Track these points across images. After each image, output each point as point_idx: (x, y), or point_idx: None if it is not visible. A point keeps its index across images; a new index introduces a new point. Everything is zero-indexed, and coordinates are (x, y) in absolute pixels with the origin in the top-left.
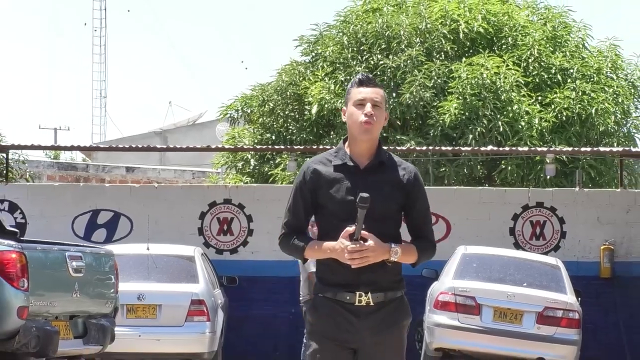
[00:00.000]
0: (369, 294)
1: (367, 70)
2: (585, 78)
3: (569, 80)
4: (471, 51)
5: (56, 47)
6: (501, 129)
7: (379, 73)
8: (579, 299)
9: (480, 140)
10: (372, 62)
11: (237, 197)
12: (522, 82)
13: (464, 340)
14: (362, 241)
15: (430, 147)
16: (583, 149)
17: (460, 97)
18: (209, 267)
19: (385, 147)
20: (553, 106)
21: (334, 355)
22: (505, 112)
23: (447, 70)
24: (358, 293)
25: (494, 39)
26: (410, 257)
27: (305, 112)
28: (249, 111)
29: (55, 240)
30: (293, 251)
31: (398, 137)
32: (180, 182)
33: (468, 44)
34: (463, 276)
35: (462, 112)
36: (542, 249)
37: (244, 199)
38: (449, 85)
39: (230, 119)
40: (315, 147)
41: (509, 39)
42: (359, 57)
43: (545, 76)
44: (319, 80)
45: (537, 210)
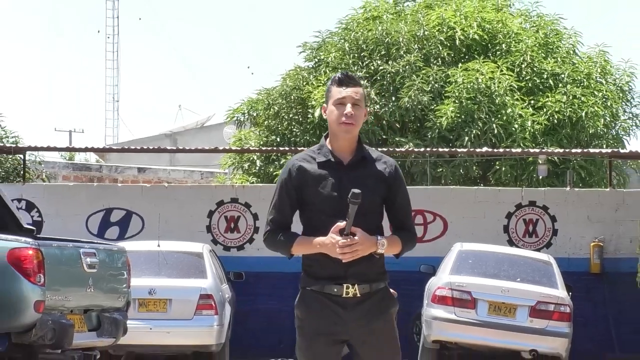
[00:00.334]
0: (356, 286)
1: (367, 75)
2: (575, 83)
3: (560, 84)
4: (467, 57)
5: (71, 54)
6: (495, 132)
7: (379, 78)
8: (570, 293)
9: (476, 142)
10: (372, 68)
11: (243, 197)
12: (516, 86)
13: (460, 333)
14: (351, 236)
15: (428, 149)
16: (574, 150)
17: (457, 101)
18: (217, 263)
19: (383, 149)
20: (545, 109)
21: (324, 351)
22: (499, 115)
23: (444, 75)
24: (345, 285)
25: (489, 45)
26: (395, 249)
27: (309, 115)
28: (254, 114)
29: (70, 237)
30: (279, 247)
31: (397, 139)
32: (189, 182)
33: (464, 50)
34: (459, 272)
35: (458, 115)
36: (535, 246)
37: (250, 198)
38: (446, 89)
39: (237, 121)
40: None
41: (503, 46)
42: (360, 63)
43: (538, 81)
44: (321, 84)
45: (530, 209)
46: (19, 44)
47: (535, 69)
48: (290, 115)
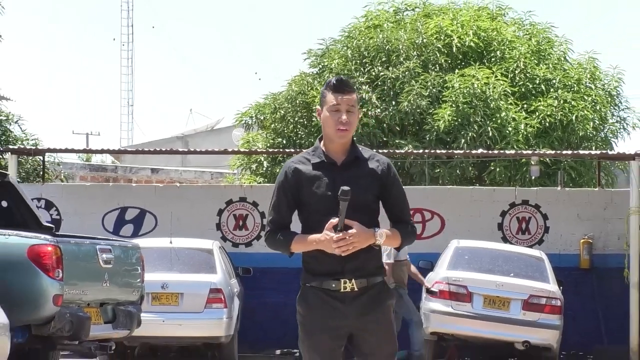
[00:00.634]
0: (353, 280)
1: (369, 80)
2: (566, 88)
3: (551, 89)
4: (463, 63)
5: (88, 60)
6: (490, 134)
7: (379, 83)
8: (561, 287)
9: (472, 144)
10: (373, 74)
11: (251, 196)
12: (510, 91)
13: (457, 325)
14: (345, 231)
15: (426, 151)
16: (564, 152)
17: (454, 105)
18: (226, 259)
19: (384, 151)
20: (537, 113)
21: (325, 345)
22: (494, 119)
23: (441, 80)
24: (343, 280)
25: (484, 52)
26: (395, 241)
27: (313, 119)
28: (262, 118)
29: (87, 234)
30: (279, 246)
31: (397, 141)
32: (200, 182)
33: (460, 57)
34: (456, 267)
35: (455, 118)
36: (528, 243)
37: (257, 197)
38: (443, 94)
39: (245, 125)
40: None
41: (498, 53)
42: (362, 69)
43: (530, 86)
44: None
45: (523, 208)
46: (39, 51)
47: (528, 74)
48: (296, 119)
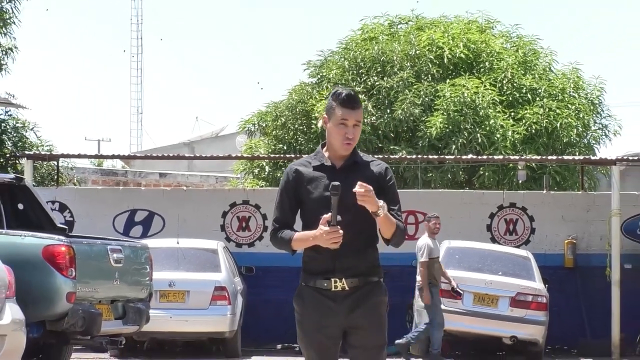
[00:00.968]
0: (343, 280)
1: (365, 89)
2: (551, 97)
3: (537, 98)
4: (454, 74)
5: (100, 71)
6: (480, 140)
7: (375, 92)
8: (546, 285)
9: (462, 150)
10: (369, 83)
11: (254, 199)
12: (498, 100)
13: (448, 321)
14: (338, 226)
15: (419, 156)
16: (549, 157)
17: (445, 113)
18: (230, 258)
19: (379, 156)
20: (524, 121)
21: (321, 342)
22: (483, 126)
23: (433, 90)
24: (333, 279)
25: (474, 63)
26: (390, 226)
27: (312, 126)
28: (264, 125)
29: (99, 235)
30: (282, 244)
31: (391, 147)
32: (205, 186)
33: (451, 67)
34: (447, 266)
35: (446, 125)
36: (515, 243)
37: (259, 200)
38: (435, 103)
39: (248, 131)
40: None
41: (486, 64)
42: (358, 79)
43: (517, 95)
44: (324, 98)
45: (511, 210)
46: (54, 62)
47: (515, 84)
48: (296, 126)
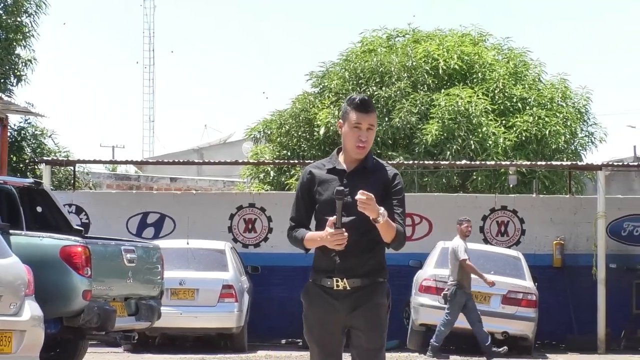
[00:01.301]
0: (345, 280)
1: None
2: (540, 106)
3: (527, 107)
4: (448, 84)
5: (114, 81)
6: (473, 147)
7: (374, 101)
8: (536, 284)
9: (456, 156)
10: (368, 93)
11: (259, 202)
12: (490, 109)
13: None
14: (343, 229)
15: (416, 162)
16: (539, 163)
17: (440, 121)
18: (237, 258)
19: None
20: (514, 128)
21: (325, 336)
22: (476, 133)
23: (429, 99)
24: (335, 279)
25: (467, 74)
26: (390, 231)
27: (315, 133)
28: (269, 132)
29: (113, 236)
30: (295, 242)
31: (389, 153)
32: (213, 189)
33: (446, 78)
34: (442, 266)
35: (441, 133)
36: (506, 244)
37: (265, 203)
38: (431, 111)
39: (254, 138)
40: None
41: (479, 74)
42: (358, 89)
43: (508, 104)
44: (325, 107)
45: (502, 212)
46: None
47: (506, 94)
48: (299, 133)
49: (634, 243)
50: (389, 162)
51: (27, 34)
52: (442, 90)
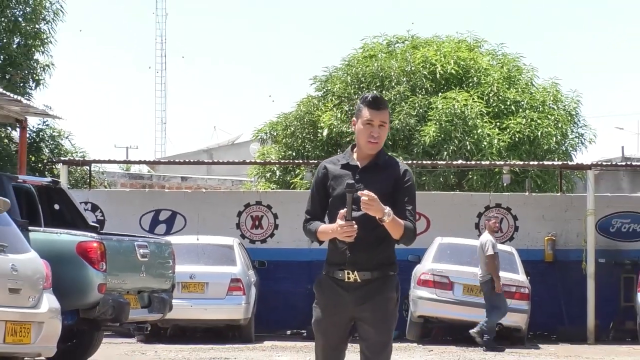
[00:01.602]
0: (355, 272)
1: None
2: (533, 108)
3: (520, 110)
4: (445, 88)
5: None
6: (468, 148)
7: None
8: (528, 277)
9: (453, 156)
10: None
11: (266, 200)
12: (485, 111)
13: (440, 310)
14: (353, 221)
15: (414, 161)
16: (531, 163)
17: (437, 123)
18: (244, 253)
19: None
20: (508, 130)
21: (328, 325)
22: (471, 135)
23: (427, 102)
24: (346, 271)
25: (463, 78)
26: (398, 229)
27: (318, 135)
28: (275, 134)
29: (127, 232)
30: (310, 235)
31: (389, 154)
32: (222, 188)
33: (443, 82)
34: (440, 260)
35: (439, 134)
36: (500, 240)
37: (271, 201)
38: (429, 114)
39: (260, 139)
40: None
41: (475, 79)
42: (359, 93)
43: (502, 107)
44: (328, 110)
45: (496, 210)
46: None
47: (500, 97)
48: (304, 135)
49: (622, 239)
50: None
51: (45, 41)
52: (440, 94)
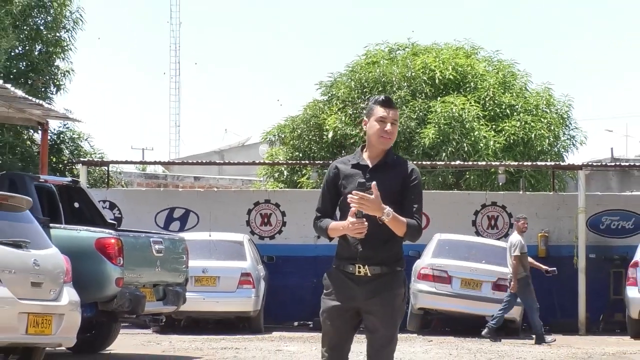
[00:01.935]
0: (366, 267)
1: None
2: (527, 112)
3: (515, 113)
4: (444, 92)
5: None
6: (466, 149)
7: None
8: None
9: (451, 157)
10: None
11: (274, 198)
12: (481, 114)
13: (439, 302)
14: (364, 218)
15: (414, 162)
16: (525, 163)
17: (436, 126)
18: (254, 249)
19: None
20: (503, 132)
21: (337, 315)
22: (468, 137)
23: (426, 106)
24: (357, 265)
25: (461, 83)
26: (400, 227)
27: (324, 137)
28: (282, 136)
29: (143, 229)
30: (320, 231)
31: None
32: (233, 187)
33: (442, 87)
34: (438, 255)
35: (438, 136)
36: (496, 236)
37: (279, 200)
38: (428, 117)
39: (269, 141)
40: (330, 162)
41: (472, 84)
42: (362, 97)
43: (498, 110)
44: (333, 113)
45: (492, 208)
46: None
47: (496, 101)
48: (310, 137)
49: (611, 235)
50: None
51: (66, 48)
52: (438, 98)
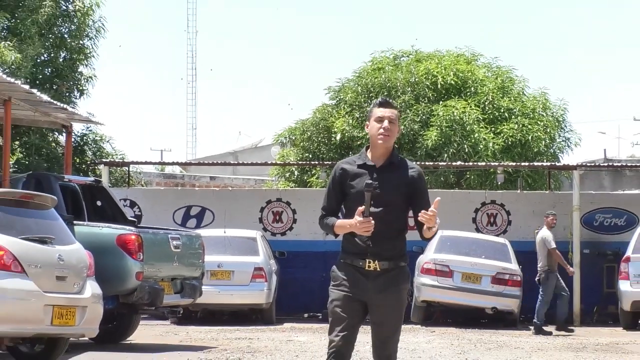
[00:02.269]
0: (376, 262)
1: None
2: (524, 115)
3: (513, 116)
4: (446, 97)
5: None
6: (466, 150)
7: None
8: (520, 266)
9: (452, 157)
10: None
11: (285, 197)
12: (481, 118)
13: (441, 295)
14: (370, 217)
15: (418, 163)
16: (523, 164)
17: (438, 128)
18: (266, 245)
19: None
20: (502, 134)
21: (346, 304)
22: (469, 139)
23: (429, 110)
24: (367, 260)
25: (462, 88)
26: (434, 232)
27: (332, 139)
28: (293, 138)
29: (161, 226)
30: (326, 228)
31: None
32: (246, 187)
33: (444, 92)
34: (441, 251)
35: (440, 138)
36: (495, 233)
37: (290, 198)
38: (431, 120)
39: (281, 143)
40: None
41: (472, 89)
42: (369, 101)
43: (497, 114)
44: (341, 117)
45: (491, 206)
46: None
47: (495, 105)
48: (319, 139)
49: (604, 232)
50: None
51: (89, 55)
52: (440, 102)
